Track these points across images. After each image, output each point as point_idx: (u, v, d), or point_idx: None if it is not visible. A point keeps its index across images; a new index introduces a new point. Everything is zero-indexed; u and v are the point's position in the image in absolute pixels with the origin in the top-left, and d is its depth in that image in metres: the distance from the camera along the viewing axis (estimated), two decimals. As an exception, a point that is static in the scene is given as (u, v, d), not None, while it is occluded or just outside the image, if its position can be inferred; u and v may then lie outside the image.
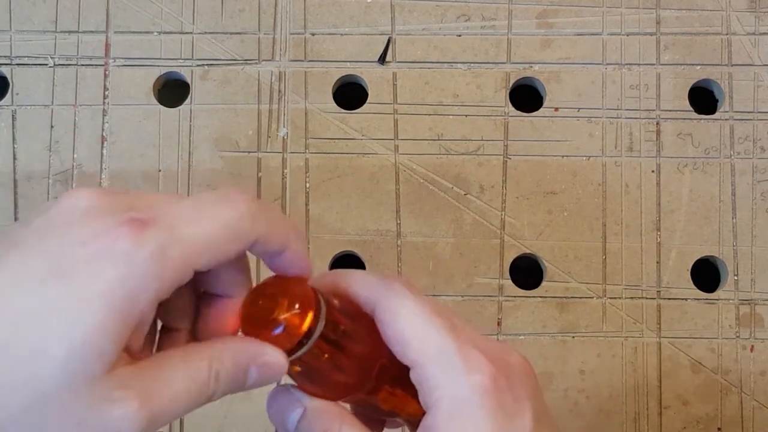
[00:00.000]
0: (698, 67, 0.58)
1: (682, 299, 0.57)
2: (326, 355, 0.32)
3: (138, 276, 0.26)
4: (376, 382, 0.34)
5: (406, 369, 0.33)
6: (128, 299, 0.26)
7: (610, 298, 0.57)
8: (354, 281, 0.34)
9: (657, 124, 0.58)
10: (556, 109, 0.58)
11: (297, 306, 0.31)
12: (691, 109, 0.58)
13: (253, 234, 0.29)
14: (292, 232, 0.31)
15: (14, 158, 0.57)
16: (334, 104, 0.58)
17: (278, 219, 0.31)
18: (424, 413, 0.33)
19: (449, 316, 0.33)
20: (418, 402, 0.33)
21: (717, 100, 0.59)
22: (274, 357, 0.31)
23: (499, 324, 0.56)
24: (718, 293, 0.57)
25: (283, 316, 0.31)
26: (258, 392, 0.55)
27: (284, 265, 0.32)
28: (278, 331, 0.31)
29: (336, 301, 0.33)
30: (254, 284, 0.33)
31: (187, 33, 0.58)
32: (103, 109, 0.58)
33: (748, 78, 0.58)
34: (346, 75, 0.58)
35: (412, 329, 0.32)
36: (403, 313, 0.33)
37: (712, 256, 0.57)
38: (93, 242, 0.27)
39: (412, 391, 0.33)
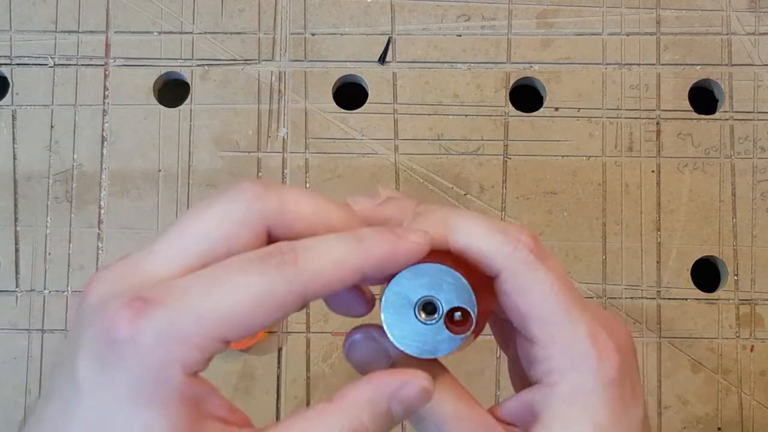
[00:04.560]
0: (698, 67, 0.58)
1: (682, 299, 0.57)
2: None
3: (151, 364, 0.25)
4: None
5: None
6: (155, 390, 0.25)
7: (610, 298, 0.57)
8: (474, 241, 0.30)
9: (657, 124, 0.58)
10: (556, 109, 0.58)
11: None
12: (691, 109, 0.58)
13: (296, 300, 0.26)
14: (358, 261, 0.27)
15: (14, 158, 0.57)
16: (334, 104, 0.58)
17: (331, 263, 0.27)
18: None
19: (575, 288, 0.31)
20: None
21: (717, 100, 0.59)
22: (418, 385, 0.28)
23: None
24: (718, 293, 0.57)
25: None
26: (258, 389, 0.56)
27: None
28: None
29: (470, 281, 0.29)
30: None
31: (187, 33, 0.58)
32: (103, 109, 0.58)
33: (748, 78, 0.58)
34: (346, 75, 0.58)
35: (542, 309, 0.30)
36: (532, 290, 0.30)
37: (712, 256, 0.57)
38: (99, 342, 0.25)
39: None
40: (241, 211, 0.27)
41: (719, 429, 0.56)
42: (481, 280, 0.30)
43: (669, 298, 0.57)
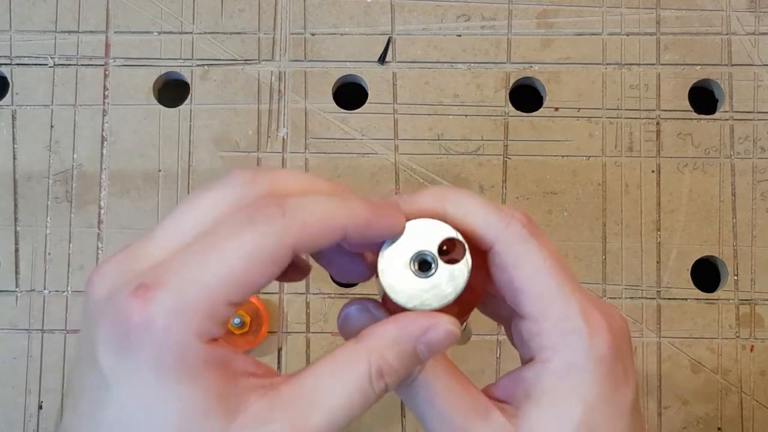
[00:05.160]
0: (698, 67, 0.58)
1: (682, 299, 0.57)
2: None
3: (170, 342, 0.25)
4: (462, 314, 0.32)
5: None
6: (180, 366, 0.25)
7: (610, 298, 0.57)
8: (469, 212, 0.31)
9: (657, 124, 0.58)
10: (556, 109, 0.58)
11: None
12: (691, 109, 0.58)
13: (287, 252, 0.27)
14: (342, 221, 0.28)
15: (14, 158, 0.57)
16: (334, 104, 0.58)
17: (320, 215, 0.27)
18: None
19: (568, 268, 0.31)
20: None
21: (717, 100, 0.59)
22: (444, 328, 0.29)
23: (499, 324, 0.56)
24: (718, 293, 0.57)
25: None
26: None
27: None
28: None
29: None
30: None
31: (187, 33, 0.58)
32: (103, 109, 0.58)
33: (748, 78, 0.58)
34: (346, 75, 0.58)
35: (534, 283, 0.30)
36: (525, 264, 0.30)
37: (712, 256, 0.57)
38: (115, 335, 0.26)
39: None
40: (235, 195, 0.28)
41: (719, 429, 0.56)
42: (475, 258, 0.31)
43: (669, 298, 0.57)
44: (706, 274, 0.58)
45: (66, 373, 0.56)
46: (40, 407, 0.56)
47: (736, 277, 0.57)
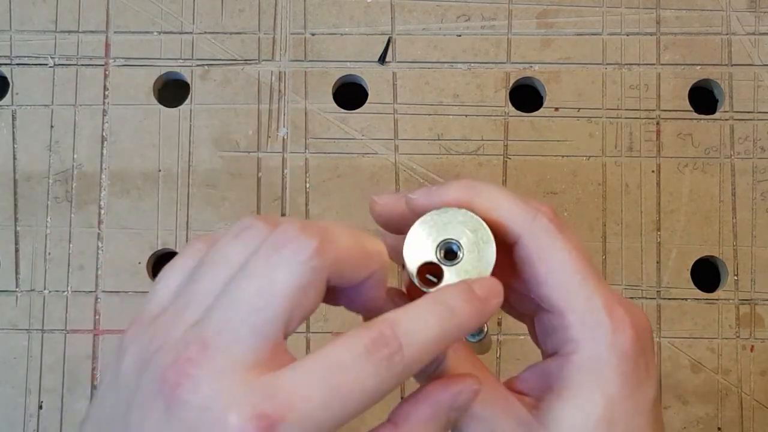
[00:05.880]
0: (698, 67, 0.58)
1: (682, 299, 0.57)
2: None
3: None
4: None
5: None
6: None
7: (610, 298, 0.56)
8: (496, 204, 0.31)
9: (657, 124, 0.58)
10: (556, 109, 0.58)
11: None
12: (691, 109, 0.58)
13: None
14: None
15: (14, 158, 0.57)
16: (334, 104, 0.58)
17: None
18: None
19: (592, 263, 0.31)
20: None
21: (717, 100, 0.59)
22: (470, 390, 0.29)
23: (499, 324, 0.56)
24: (718, 293, 0.57)
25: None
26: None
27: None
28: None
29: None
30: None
31: (187, 33, 0.58)
32: (103, 109, 0.58)
33: (748, 78, 0.58)
34: (346, 75, 0.58)
35: (560, 276, 0.31)
36: (551, 257, 0.31)
37: (712, 256, 0.57)
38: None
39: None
40: (306, 275, 0.27)
41: (719, 429, 0.56)
42: (500, 251, 0.31)
43: (669, 298, 0.57)
44: (706, 274, 0.58)
45: (66, 372, 0.56)
46: (40, 407, 0.56)
47: (736, 277, 0.57)
